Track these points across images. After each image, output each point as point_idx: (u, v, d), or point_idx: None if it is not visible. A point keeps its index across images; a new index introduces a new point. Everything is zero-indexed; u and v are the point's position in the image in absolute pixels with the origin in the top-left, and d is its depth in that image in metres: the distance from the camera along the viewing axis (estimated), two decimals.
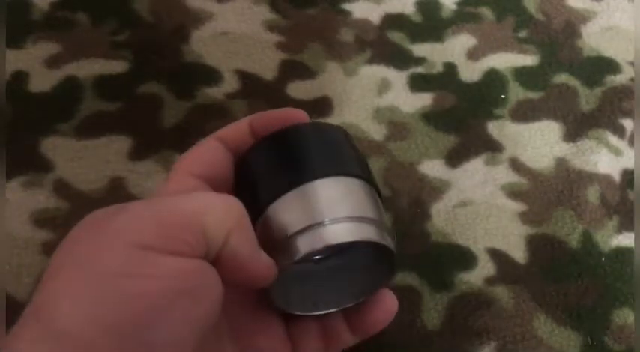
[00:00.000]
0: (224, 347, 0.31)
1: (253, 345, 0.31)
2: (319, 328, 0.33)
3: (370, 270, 0.32)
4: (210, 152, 0.33)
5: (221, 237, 0.27)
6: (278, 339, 0.32)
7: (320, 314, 0.32)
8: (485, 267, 0.48)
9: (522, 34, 0.63)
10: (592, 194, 0.52)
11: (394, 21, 0.63)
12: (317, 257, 0.32)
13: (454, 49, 0.62)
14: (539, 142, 0.56)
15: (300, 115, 0.34)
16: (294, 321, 0.33)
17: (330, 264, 0.32)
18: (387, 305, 0.33)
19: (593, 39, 0.63)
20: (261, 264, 0.29)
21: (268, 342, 0.32)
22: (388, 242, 0.30)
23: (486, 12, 0.65)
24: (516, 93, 0.59)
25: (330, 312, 0.32)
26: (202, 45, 0.60)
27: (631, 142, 0.56)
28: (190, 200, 0.28)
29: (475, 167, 0.54)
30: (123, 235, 0.25)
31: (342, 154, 0.33)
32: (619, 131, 0.56)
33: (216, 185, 0.32)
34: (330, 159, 0.32)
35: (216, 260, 0.27)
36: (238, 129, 0.34)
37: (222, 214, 0.27)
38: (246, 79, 0.58)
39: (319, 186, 0.30)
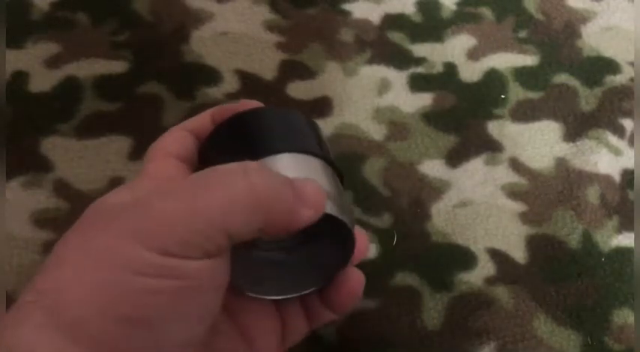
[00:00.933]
0: (218, 324, 0.31)
1: (247, 323, 0.32)
2: (302, 306, 0.33)
3: (331, 252, 0.32)
4: (181, 138, 0.33)
5: (249, 234, 0.27)
6: (270, 317, 0.33)
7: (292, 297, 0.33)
8: (485, 267, 0.48)
9: (522, 34, 0.63)
10: (592, 194, 0.52)
11: (394, 21, 0.63)
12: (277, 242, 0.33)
13: (454, 49, 0.62)
14: (539, 142, 0.56)
15: (258, 106, 0.34)
16: (282, 301, 0.33)
17: (291, 248, 0.33)
18: (351, 283, 0.32)
19: (593, 39, 0.63)
20: (301, 221, 0.28)
21: (261, 320, 0.32)
22: (344, 217, 0.30)
23: (486, 12, 0.65)
24: (516, 93, 0.59)
25: (296, 296, 0.32)
26: (202, 45, 0.60)
27: (631, 142, 0.56)
28: (212, 195, 0.26)
29: (475, 167, 0.54)
30: (141, 237, 0.25)
31: (301, 134, 0.33)
32: (619, 131, 0.56)
33: (192, 168, 0.32)
34: (289, 138, 0.32)
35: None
36: (201, 121, 0.34)
37: (249, 214, 0.26)
38: (246, 79, 0.58)
39: (277, 160, 0.30)
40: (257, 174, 0.27)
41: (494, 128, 0.56)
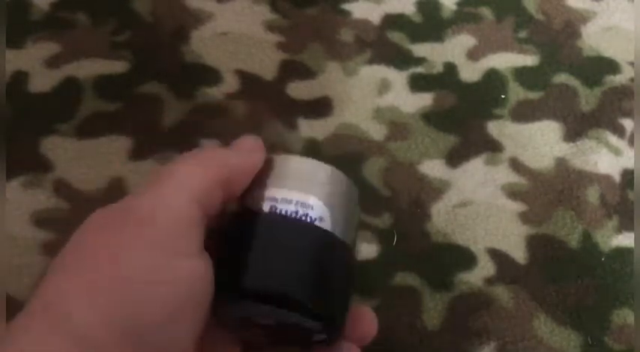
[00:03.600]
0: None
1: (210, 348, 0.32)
2: None
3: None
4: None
5: (216, 199, 0.29)
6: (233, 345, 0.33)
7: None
8: (485, 267, 0.48)
9: (522, 34, 0.63)
10: (592, 194, 0.52)
11: (394, 21, 0.63)
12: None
13: (454, 49, 0.62)
14: (539, 142, 0.56)
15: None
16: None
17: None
18: (365, 326, 0.32)
19: (593, 39, 0.63)
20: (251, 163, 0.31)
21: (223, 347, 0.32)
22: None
23: (486, 12, 0.65)
24: (516, 93, 0.59)
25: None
26: (202, 45, 0.60)
27: (631, 142, 0.56)
28: (185, 184, 0.28)
29: (475, 167, 0.54)
30: (136, 239, 0.26)
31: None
32: (619, 131, 0.56)
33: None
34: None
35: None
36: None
37: (209, 185, 0.29)
38: (246, 79, 0.58)
39: None
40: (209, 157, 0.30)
41: (494, 128, 0.56)
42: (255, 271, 0.29)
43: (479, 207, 0.52)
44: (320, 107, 0.57)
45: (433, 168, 0.54)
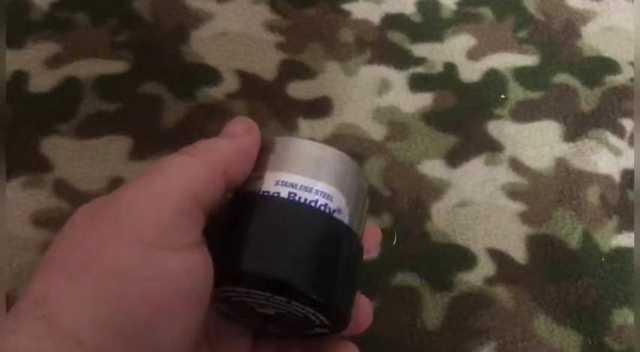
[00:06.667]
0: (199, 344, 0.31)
1: (220, 347, 0.32)
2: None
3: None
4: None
5: (217, 193, 0.28)
6: (243, 346, 0.32)
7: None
8: (485, 267, 0.48)
9: (522, 34, 0.63)
10: (592, 194, 0.52)
11: (394, 21, 0.63)
12: None
13: (454, 49, 0.62)
14: (539, 142, 0.56)
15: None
16: (258, 345, 0.33)
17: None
18: (360, 314, 0.32)
19: (593, 39, 0.63)
20: (245, 144, 0.30)
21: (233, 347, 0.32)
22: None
23: (486, 12, 0.65)
24: (516, 93, 0.59)
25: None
26: (202, 45, 0.60)
27: (631, 142, 0.56)
28: (175, 175, 0.27)
29: (475, 167, 0.54)
30: (123, 232, 0.25)
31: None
32: (619, 131, 0.56)
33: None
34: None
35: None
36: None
37: (207, 176, 0.28)
38: (246, 79, 0.58)
39: None
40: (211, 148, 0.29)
41: (494, 128, 0.56)
42: (260, 254, 0.27)
43: (479, 207, 0.52)
44: (320, 107, 0.57)
45: (433, 168, 0.54)
